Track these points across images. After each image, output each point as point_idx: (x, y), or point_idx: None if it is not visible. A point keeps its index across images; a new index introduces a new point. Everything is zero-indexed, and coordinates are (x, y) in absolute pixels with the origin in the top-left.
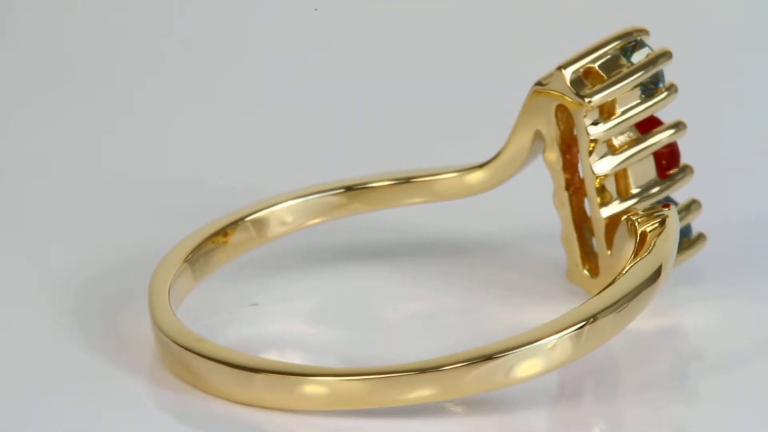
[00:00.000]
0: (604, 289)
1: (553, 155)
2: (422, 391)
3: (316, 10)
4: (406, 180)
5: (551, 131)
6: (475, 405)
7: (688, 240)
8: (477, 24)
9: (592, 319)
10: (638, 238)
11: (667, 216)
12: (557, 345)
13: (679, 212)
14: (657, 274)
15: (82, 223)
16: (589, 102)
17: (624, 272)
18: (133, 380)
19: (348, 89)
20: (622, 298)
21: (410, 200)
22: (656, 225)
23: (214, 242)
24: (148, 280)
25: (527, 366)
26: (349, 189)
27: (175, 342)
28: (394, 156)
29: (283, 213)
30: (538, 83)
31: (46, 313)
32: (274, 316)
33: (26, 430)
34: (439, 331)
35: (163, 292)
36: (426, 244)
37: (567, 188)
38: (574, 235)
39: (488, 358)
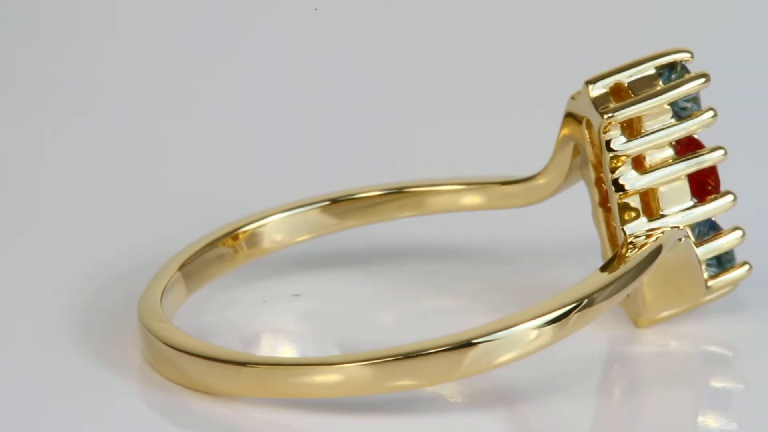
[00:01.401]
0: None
1: (588, 170)
2: (407, 380)
3: (315, 10)
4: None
5: (585, 146)
6: (473, 395)
7: (731, 267)
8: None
9: (586, 300)
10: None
11: (664, 233)
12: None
13: (720, 238)
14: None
15: (82, 233)
16: (609, 118)
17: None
18: (125, 381)
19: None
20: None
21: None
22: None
23: (207, 254)
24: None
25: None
26: (334, 201)
27: (141, 322)
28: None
29: (274, 229)
30: (572, 98)
31: (46, 317)
32: (267, 316)
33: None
34: (432, 330)
35: (156, 290)
36: (423, 249)
37: (601, 205)
38: (609, 253)
39: (468, 343)
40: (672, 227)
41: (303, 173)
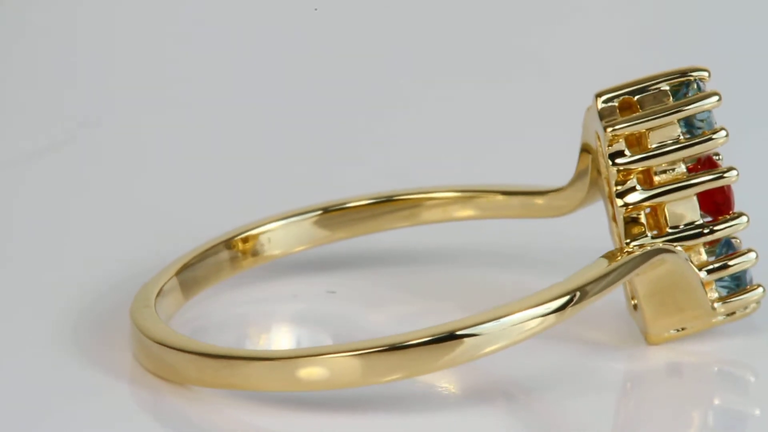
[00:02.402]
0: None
1: (603, 185)
2: (395, 372)
3: (315, 10)
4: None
5: (599, 159)
6: (468, 389)
7: (743, 289)
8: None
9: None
10: None
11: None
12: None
13: (732, 258)
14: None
15: (82, 236)
16: (612, 131)
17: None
18: (119, 385)
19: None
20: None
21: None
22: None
23: (205, 261)
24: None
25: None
26: (326, 211)
27: (130, 311)
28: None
29: (270, 240)
30: (588, 109)
31: (44, 319)
32: (263, 317)
33: None
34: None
35: (153, 288)
36: (422, 252)
37: (614, 219)
38: None
39: (452, 335)
40: (664, 243)
41: (300, 175)
